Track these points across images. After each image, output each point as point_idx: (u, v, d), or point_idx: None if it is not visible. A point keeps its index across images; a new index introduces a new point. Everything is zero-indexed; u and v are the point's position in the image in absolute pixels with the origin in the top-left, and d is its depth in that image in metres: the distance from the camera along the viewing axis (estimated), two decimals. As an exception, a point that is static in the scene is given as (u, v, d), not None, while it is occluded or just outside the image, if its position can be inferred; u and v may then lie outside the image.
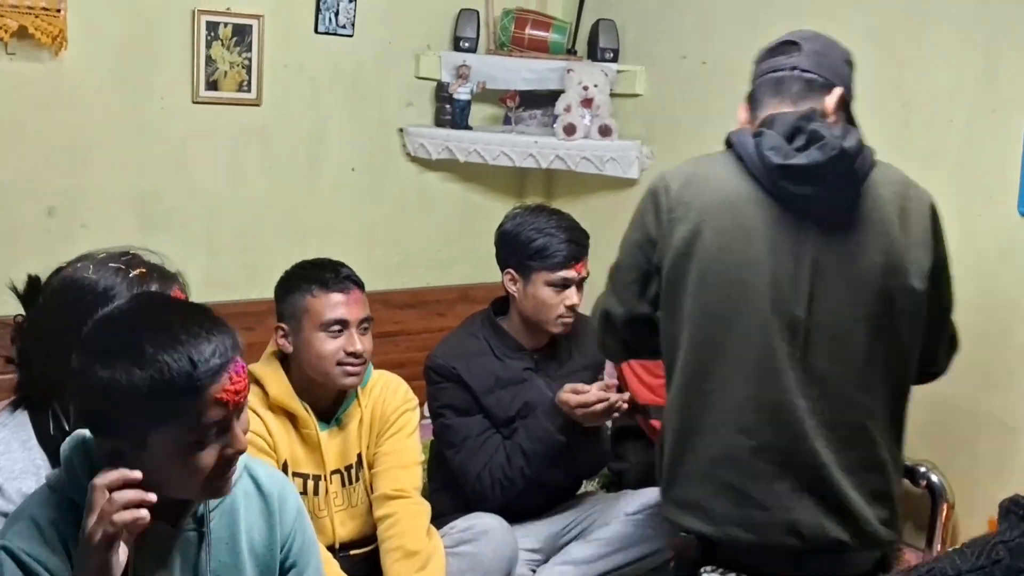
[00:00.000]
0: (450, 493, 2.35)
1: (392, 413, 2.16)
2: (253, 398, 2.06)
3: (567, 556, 2.38)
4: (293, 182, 3.29)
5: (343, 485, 2.15)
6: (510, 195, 3.69)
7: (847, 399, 1.80)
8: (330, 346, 2.04)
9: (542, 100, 3.53)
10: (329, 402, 2.14)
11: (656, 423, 2.64)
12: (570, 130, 3.34)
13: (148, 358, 1.19)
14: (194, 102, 3.04)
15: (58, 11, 2.72)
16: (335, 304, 2.05)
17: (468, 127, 3.44)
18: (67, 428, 1.48)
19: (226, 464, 1.28)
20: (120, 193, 2.99)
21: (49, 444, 1.51)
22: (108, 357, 1.20)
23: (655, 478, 2.36)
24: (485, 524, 2.18)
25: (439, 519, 2.22)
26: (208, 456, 1.25)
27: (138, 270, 1.53)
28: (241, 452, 1.29)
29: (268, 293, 3.02)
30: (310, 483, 2.10)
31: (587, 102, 3.33)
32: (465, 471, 2.31)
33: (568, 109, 3.35)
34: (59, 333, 1.47)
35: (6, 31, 2.64)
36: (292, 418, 2.09)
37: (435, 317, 3.55)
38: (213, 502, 1.37)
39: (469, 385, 2.32)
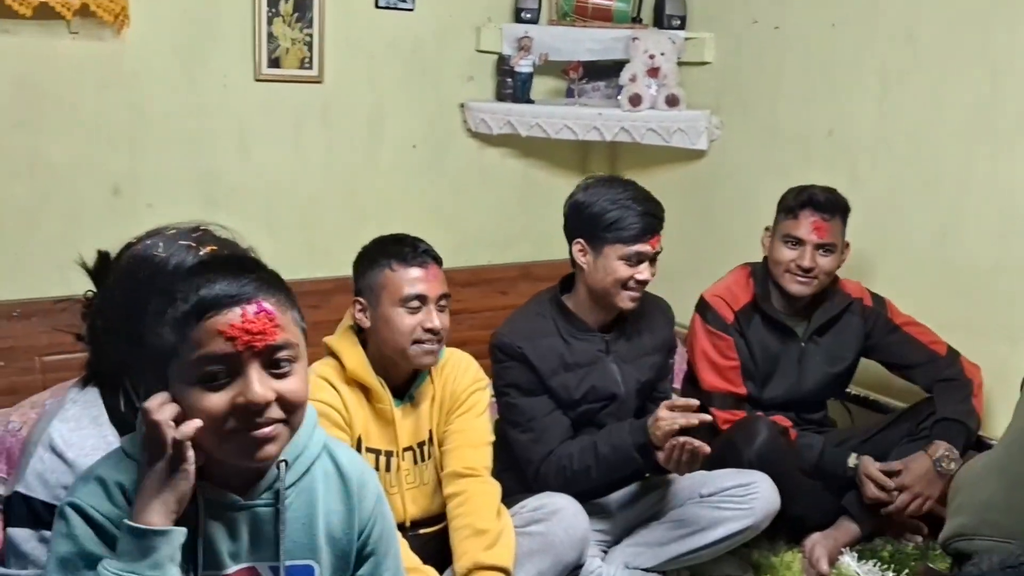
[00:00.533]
0: (515, 474, 2.30)
1: (463, 392, 2.14)
2: (330, 371, 2.06)
3: (639, 538, 2.34)
4: (354, 160, 3.27)
5: (415, 463, 2.12)
6: (573, 170, 3.62)
7: None
8: (408, 322, 2.02)
9: (606, 71, 3.44)
10: (403, 379, 2.11)
11: (717, 412, 2.52)
12: (636, 100, 3.25)
13: (171, 298, 1.23)
14: (256, 80, 3.03)
15: (120, -12, 2.72)
16: (413, 279, 2.03)
17: (530, 101, 3.38)
18: (138, 406, 1.46)
19: (244, 416, 1.21)
20: (183, 172, 3.00)
21: (120, 422, 1.49)
22: (154, 316, 1.25)
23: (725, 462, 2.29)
24: (557, 504, 2.13)
25: (506, 499, 2.17)
26: (218, 400, 1.20)
27: (209, 247, 1.50)
28: (257, 404, 1.20)
29: (331, 271, 3.00)
30: (382, 459, 2.08)
31: (653, 71, 3.24)
32: (530, 454, 2.27)
33: (633, 79, 3.26)
34: (129, 311, 1.44)
35: (69, 9, 2.65)
36: (367, 393, 2.07)
37: (497, 295, 3.51)
38: (290, 479, 1.33)
39: (535, 366, 2.27)
